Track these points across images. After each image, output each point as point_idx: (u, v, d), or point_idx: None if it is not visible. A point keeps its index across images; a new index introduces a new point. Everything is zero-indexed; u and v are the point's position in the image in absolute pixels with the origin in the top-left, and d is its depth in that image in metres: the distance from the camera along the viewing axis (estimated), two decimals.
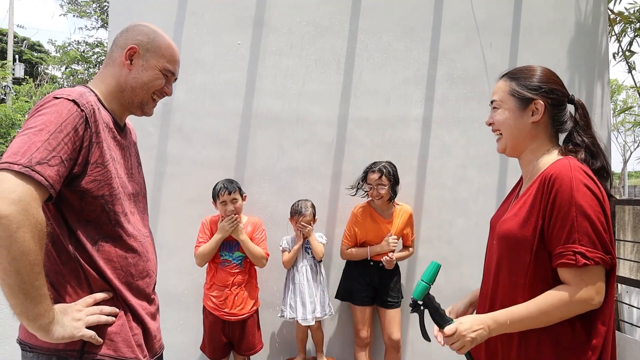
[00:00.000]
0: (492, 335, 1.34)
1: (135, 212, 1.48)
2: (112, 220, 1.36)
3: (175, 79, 1.57)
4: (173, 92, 1.58)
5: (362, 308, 3.11)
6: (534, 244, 1.34)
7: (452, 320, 1.36)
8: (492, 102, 1.54)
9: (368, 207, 3.15)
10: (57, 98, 1.25)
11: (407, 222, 3.16)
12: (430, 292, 1.41)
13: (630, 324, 3.96)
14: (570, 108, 1.49)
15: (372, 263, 3.10)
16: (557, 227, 1.29)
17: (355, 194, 3.17)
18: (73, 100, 1.26)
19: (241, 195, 2.98)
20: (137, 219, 1.48)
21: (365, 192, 3.14)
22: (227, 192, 2.90)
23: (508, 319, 1.32)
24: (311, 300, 3.00)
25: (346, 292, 3.16)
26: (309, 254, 3.09)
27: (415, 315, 1.45)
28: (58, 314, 1.21)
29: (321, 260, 3.11)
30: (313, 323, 3.00)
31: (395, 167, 3.13)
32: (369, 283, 3.10)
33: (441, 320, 1.38)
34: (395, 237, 3.07)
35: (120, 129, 1.48)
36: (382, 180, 3.03)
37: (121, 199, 1.39)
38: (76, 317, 1.26)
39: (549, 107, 1.43)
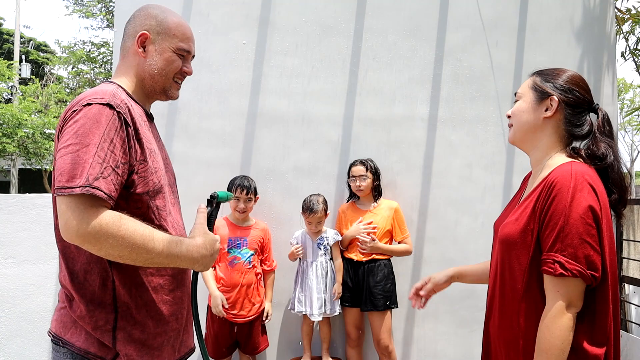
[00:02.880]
0: None
1: (175, 202, 1.49)
2: (157, 215, 1.35)
3: (193, 56, 1.54)
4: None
5: (348, 308, 3.11)
6: (531, 248, 1.34)
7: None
8: (515, 94, 1.56)
9: (352, 205, 3.23)
10: (90, 104, 1.22)
11: (392, 215, 3.15)
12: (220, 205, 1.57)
13: (638, 324, 3.93)
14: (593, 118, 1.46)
15: (355, 262, 3.10)
16: (546, 233, 1.30)
17: (350, 197, 3.25)
18: (107, 104, 1.23)
19: (255, 196, 3.04)
20: (176, 210, 1.49)
21: (349, 186, 3.21)
22: (244, 191, 2.95)
23: None
24: (319, 296, 3.00)
25: None
26: (320, 249, 3.08)
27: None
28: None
29: (331, 258, 3.11)
30: (320, 319, 3.01)
31: (377, 165, 3.21)
32: (354, 283, 3.09)
33: (209, 223, 1.48)
34: (370, 221, 3.09)
35: (151, 119, 1.48)
36: (365, 172, 3.10)
37: (163, 192, 1.38)
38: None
39: (564, 105, 1.42)
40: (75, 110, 1.22)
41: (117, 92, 1.30)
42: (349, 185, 3.21)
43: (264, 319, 3.01)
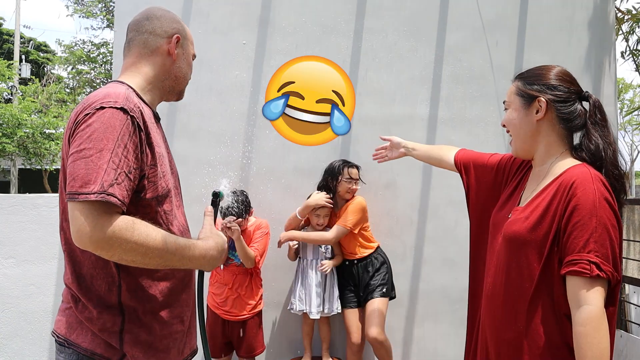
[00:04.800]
0: None
1: (180, 205, 1.49)
2: (164, 219, 1.35)
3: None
4: None
5: (349, 310, 3.08)
6: (545, 248, 1.32)
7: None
8: (504, 102, 1.56)
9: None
10: (103, 108, 1.19)
11: (346, 207, 3.10)
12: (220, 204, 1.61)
13: (638, 324, 3.93)
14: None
15: (347, 263, 3.12)
16: (574, 235, 1.27)
17: (332, 196, 3.09)
18: (121, 108, 1.20)
19: (248, 213, 2.94)
20: (181, 212, 1.48)
21: (332, 185, 3.08)
22: (235, 218, 2.83)
23: None
24: (319, 294, 3.00)
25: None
26: (321, 248, 3.09)
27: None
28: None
29: (331, 257, 3.11)
30: (318, 317, 3.02)
31: None
32: (351, 283, 3.10)
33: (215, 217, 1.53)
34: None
35: (158, 119, 1.48)
36: (358, 176, 3.12)
37: (170, 196, 1.38)
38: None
39: (553, 103, 1.41)
40: (88, 114, 1.19)
41: (130, 94, 1.28)
42: (331, 184, 3.09)
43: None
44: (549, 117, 1.43)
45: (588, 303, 1.23)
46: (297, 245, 3.09)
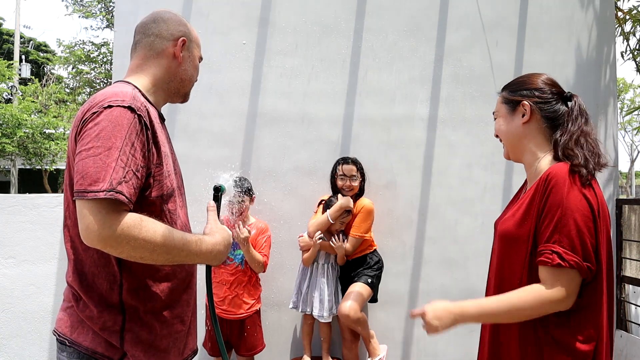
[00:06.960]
0: (459, 324, 1.36)
1: (183, 205, 1.49)
2: (169, 219, 1.35)
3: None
4: None
5: None
6: (529, 243, 1.36)
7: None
8: (493, 114, 1.62)
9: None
10: (111, 106, 1.21)
11: (357, 214, 3.07)
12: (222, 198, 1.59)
13: (638, 324, 3.93)
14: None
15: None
16: (544, 225, 1.32)
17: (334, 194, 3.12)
18: (129, 107, 1.22)
19: (250, 196, 2.98)
20: (184, 212, 1.49)
21: (332, 183, 3.12)
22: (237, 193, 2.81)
23: (478, 312, 1.35)
24: (329, 298, 3.02)
25: None
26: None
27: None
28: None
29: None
30: (330, 320, 3.04)
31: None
32: (345, 281, 3.12)
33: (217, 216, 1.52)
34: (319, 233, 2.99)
35: (163, 120, 1.49)
36: (355, 172, 3.07)
37: (175, 195, 1.39)
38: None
39: (536, 105, 1.46)
40: (95, 112, 1.20)
41: (136, 94, 1.29)
42: (333, 183, 3.14)
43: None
44: (535, 119, 1.47)
45: (548, 289, 1.28)
46: (321, 234, 2.99)
